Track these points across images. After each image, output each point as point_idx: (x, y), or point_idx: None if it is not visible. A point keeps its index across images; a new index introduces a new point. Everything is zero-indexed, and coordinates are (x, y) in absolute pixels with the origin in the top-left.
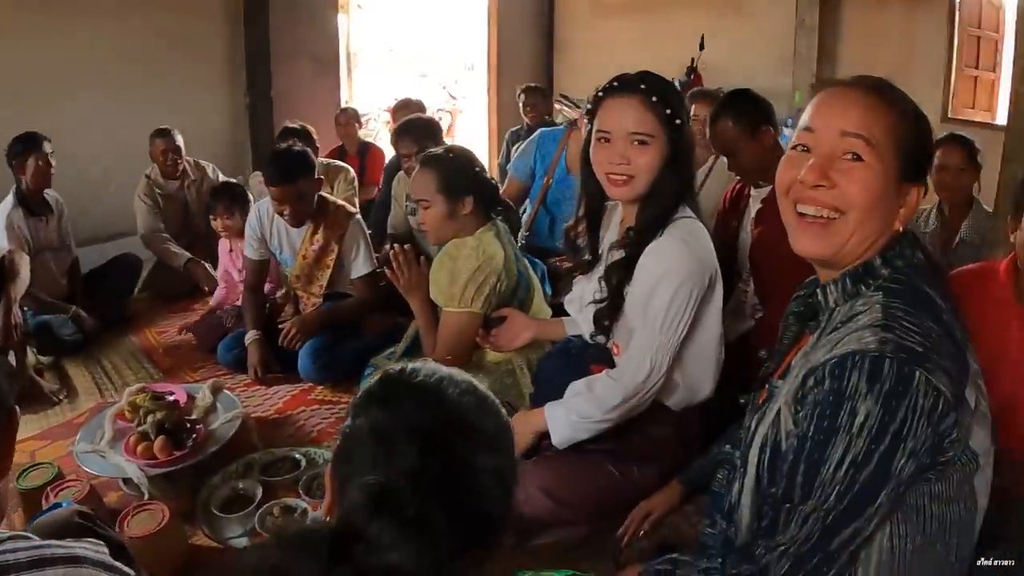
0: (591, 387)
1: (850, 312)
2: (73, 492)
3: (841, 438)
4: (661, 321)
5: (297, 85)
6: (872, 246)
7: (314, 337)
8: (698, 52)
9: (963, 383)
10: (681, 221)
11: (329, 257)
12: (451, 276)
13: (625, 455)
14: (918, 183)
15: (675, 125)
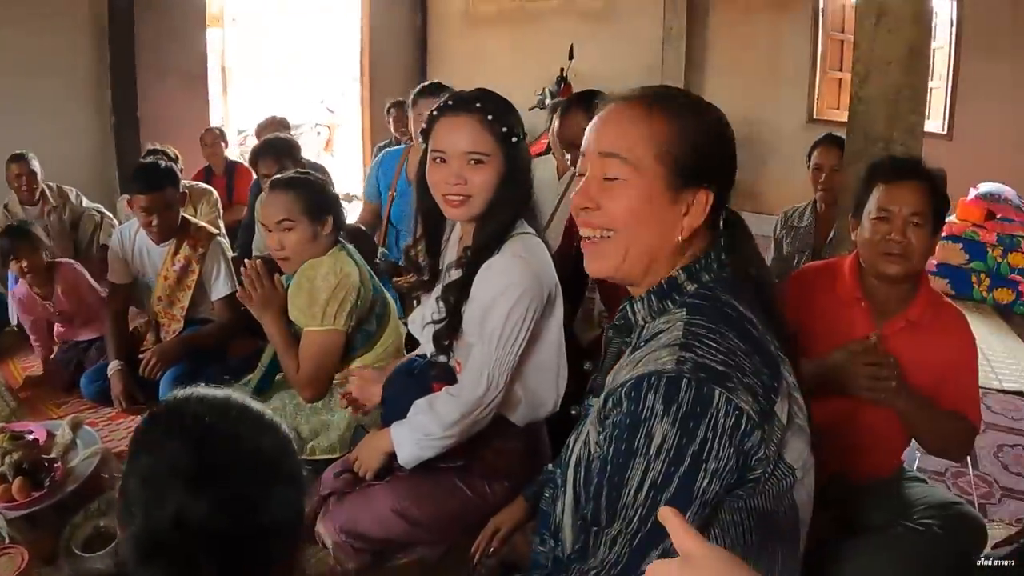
0: (432, 405)
1: (654, 330)
2: None
3: (639, 461)
4: (498, 336)
5: (165, 104)
6: (661, 259)
7: (175, 365)
8: (568, 61)
9: (772, 399)
10: (518, 237)
11: (190, 278)
12: (310, 296)
13: (475, 471)
14: (700, 186)
15: (511, 143)
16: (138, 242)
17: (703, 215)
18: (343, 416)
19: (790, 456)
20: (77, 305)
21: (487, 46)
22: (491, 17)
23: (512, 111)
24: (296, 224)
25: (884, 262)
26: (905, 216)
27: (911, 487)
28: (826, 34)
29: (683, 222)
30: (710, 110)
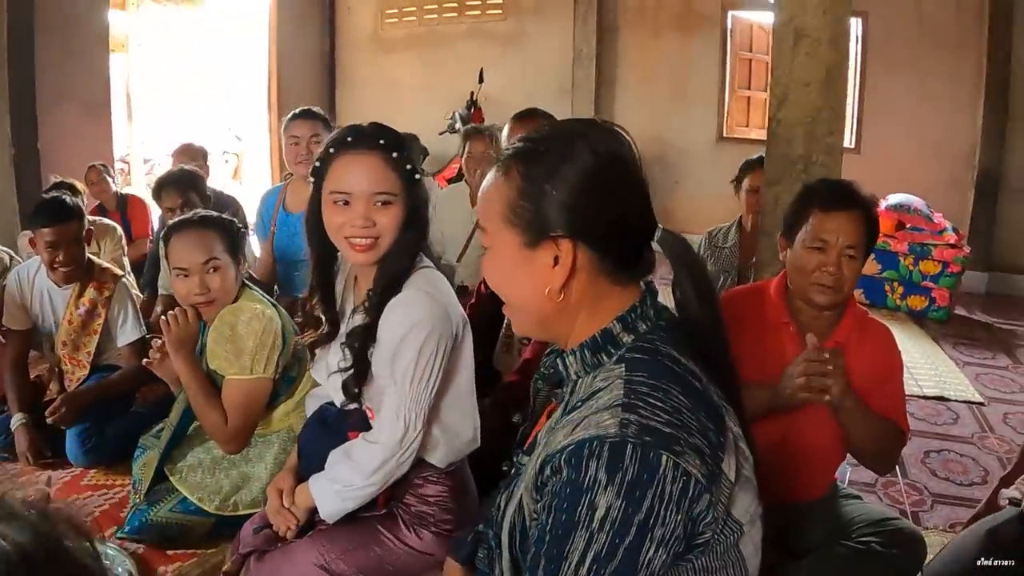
0: (349, 454)
1: (591, 388)
2: None
3: (581, 533)
4: (411, 376)
5: (67, 134)
6: (550, 318)
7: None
8: (478, 85)
9: (719, 456)
10: (420, 272)
11: (96, 322)
12: (234, 344)
13: (399, 519)
14: (558, 238)
15: (414, 180)
16: (37, 284)
17: (568, 269)
18: (264, 468)
19: (737, 512)
20: None
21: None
22: (400, 41)
23: (410, 146)
24: (222, 263)
25: (815, 291)
26: (841, 247)
27: (847, 504)
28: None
29: (549, 279)
30: (581, 155)
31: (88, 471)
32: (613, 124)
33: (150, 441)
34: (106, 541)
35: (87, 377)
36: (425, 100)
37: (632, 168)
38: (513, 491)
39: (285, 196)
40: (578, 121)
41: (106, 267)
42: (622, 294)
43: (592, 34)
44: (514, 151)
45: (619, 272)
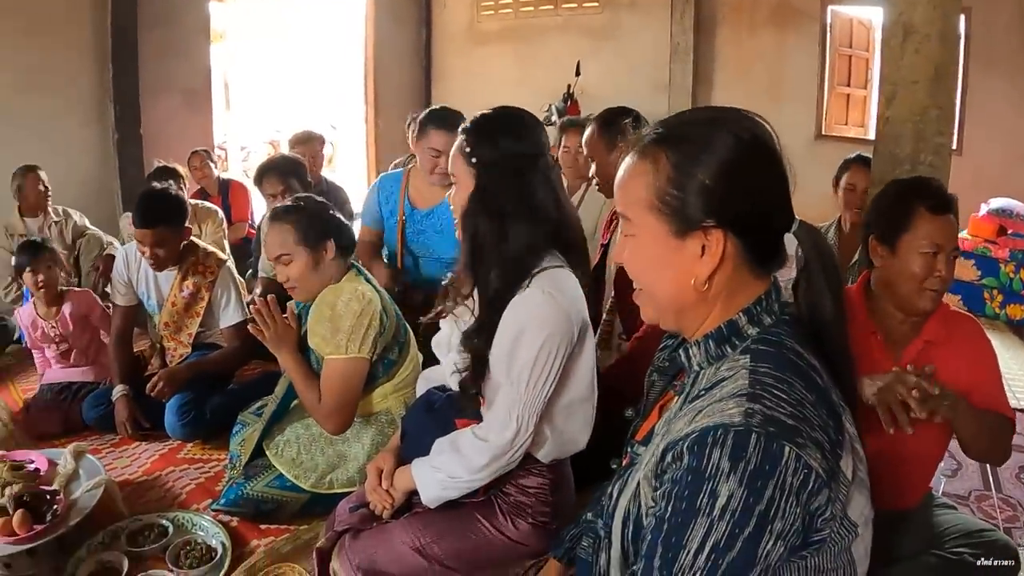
0: (456, 446)
1: (715, 377)
2: None
3: (701, 522)
4: (527, 378)
5: (167, 121)
6: (688, 309)
7: (181, 392)
8: (575, 78)
9: (838, 454)
10: (547, 272)
11: (199, 305)
12: (332, 324)
13: (498, 508)
14: (709, 228)
15: (482, 169)
16: (143, 264)
17: (717, 259)
18: (361, 448)
19: (853, 513)
20: (80, 333)
21: (491, 63)
22: (495, 34)
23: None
24: (294, 256)
25: (926, 298)
26: (948, 251)
27: (941, 515)
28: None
29: (697, 269)
30: (727, 141)
31: (185, 444)
32: (752, 113)
33: (249, 418)
34: (201, 513)
35: (188, 354)
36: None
37: (776, 156)
38: (627, 481)
39: (408, 189)
40: (719, 108)
41: (211, 251)
42: (756, 286)
43: (689, 29)
44: (658, 137)
45: (759, 263)
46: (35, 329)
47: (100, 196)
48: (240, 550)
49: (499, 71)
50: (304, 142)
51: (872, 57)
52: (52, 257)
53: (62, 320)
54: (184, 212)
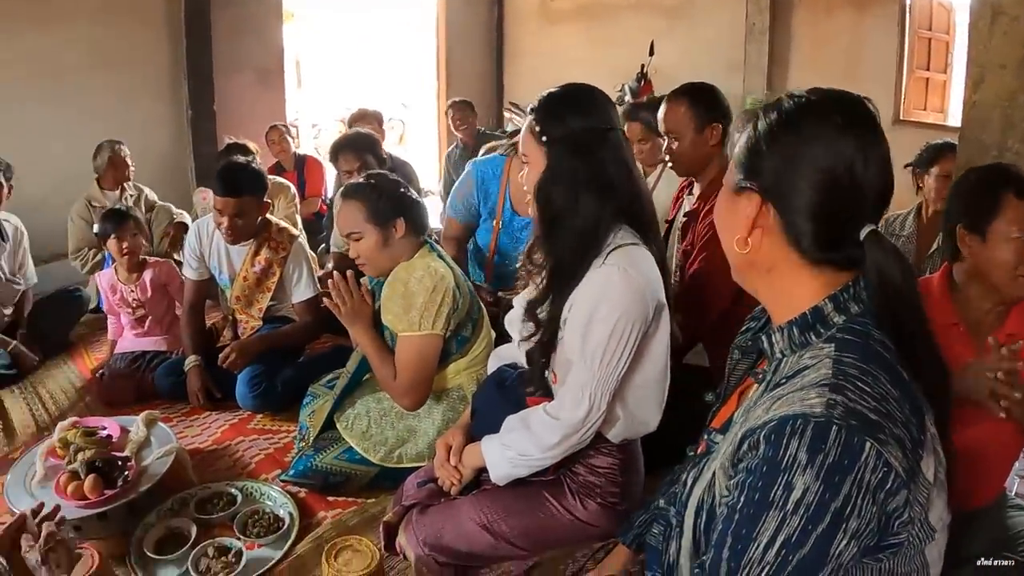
0: (527, 423)
1: (797, 366)
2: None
3: (773, 515)
4: (600, 356)
5: (240, 98)
6: (741, 271)
7: (252, 364)
8: (648, 58)
9: (919, 454)
10: (623, 249)
11: (271, 280)
12: (405, 300)
13: (566, 487)
14: (747, 188)
15: (551, 145)
16: (216, 239)
17: (749, 221)
18: (432, 424)
19: (933, 516)
20: (158, 301)
21: (563, 42)
22: (568, 13)
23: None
24: (364, 234)
25: (1020, 285)
26: None
27: (1015, 516)
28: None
29: (741, 229)
30: (813, 128)
31: (255, 415)
32: (864, 97)
33: (320, 390)
34: (270, 483)
35: (260, 327)
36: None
37: (849, 155)
38: (703, 469)
39: (509, 187)
40: (831, 94)
41: (283, 227)
42: (819, 273)
43: (765, 8)
44: (766, 106)
45: (817, 250)
46: (114, 293)
47: (174, 171)
48: (307, 521)
49: (571, 50)
50: (360, 120)
51: (952, 40)
52: (136, 225)
53: (141, 286)
54: (264, 185)
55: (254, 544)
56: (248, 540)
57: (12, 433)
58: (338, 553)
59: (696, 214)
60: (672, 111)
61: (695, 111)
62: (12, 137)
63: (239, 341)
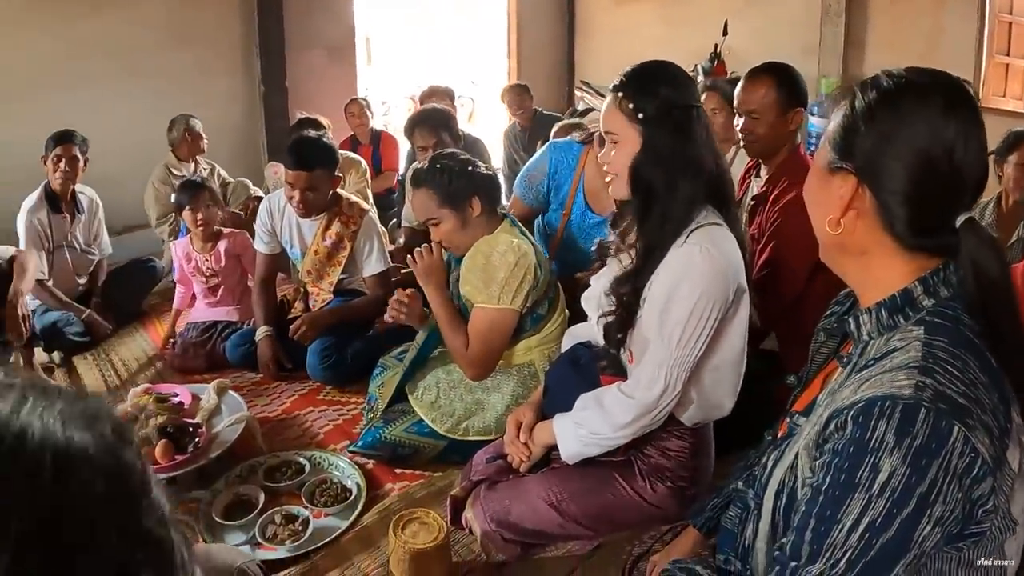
0: (601, 402)
1: (885, 348)
2: None
3: (859, 497)
4: (678, 336)
5: (312, 74)
6: (830, 251)
7: (323, 336)
8: (721, 38)
9: (1005, 443)
10: (705, 229)
11: (342, 253)
12: (486, 273)
13: (636, 469)
14: (843, 169)
15: (647, 121)
16: (287, 213)
17: (844, 203)
18: (500, 398)
19: (1015, 509)
20: (232, 271)
21: (636, 20)
22: None
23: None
24: (441, 219)
25: None
26: None
27: None
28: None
29: (834, 209)
30: (912, 110)
31: (324, 387)
32: (963, 80)
33: (390, 362)
34: (338, 454)
35: (331, 300)
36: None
37: (950, 139)
38: (784, 452)
39: (583, 180)
40: (930, 74)
41: (354, 201)
42: (912, 259)
43: None
44: (863, 84)
45: (911, 235)
46: (188, 261)
47: (247, 146)
48: (374, 492)
49: (644, 29)
50: (431, 97)
51: None
52: (211, 196)
53: (216, 255)
54: (336, 159)
55: (321, 513)
56: (315, 509)
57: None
58: (405, 525)
59: (764, 198)
60: (754, 90)
61: (779, 93)
62: (90, 113)
63: (310, 314)
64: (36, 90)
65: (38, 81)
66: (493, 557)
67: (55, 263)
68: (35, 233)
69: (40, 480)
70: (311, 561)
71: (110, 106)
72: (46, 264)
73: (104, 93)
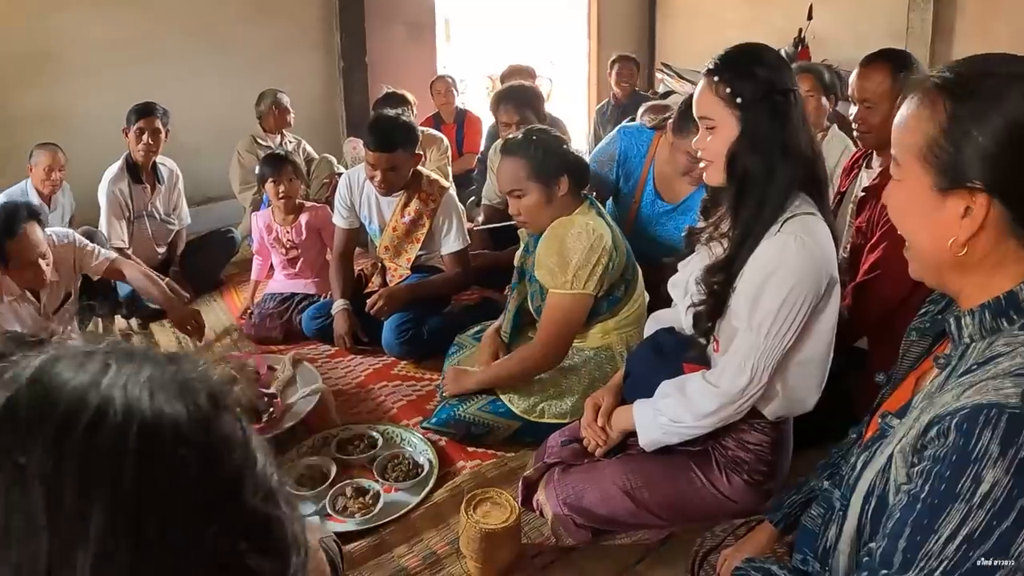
0: (683, 389)
1: (988, 352)
2: None
3: (959, 507)
4: (768, 327)
5: (392, 51)
6: (946, 271)
7: (400, 311)
8: (806, 22)
9: None
10: (800, 218)
11: (420, 231)
12: (560, 257)
13: (714, 460)
14: (973, 190)
15: (744, 107)
16: (366, 189)
17: (977, 224)
18: (577, 381)
19: None
20: (311, 245)
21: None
22: None
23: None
24: (526, 191)
25: None
26: None
27: None
28: None
29: (955, 231)
30: (1017, 100)
31: (400, 361)
32: None
33: (467, 340)
34: (411, 429)
35: (408, 276)
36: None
37: None
38: (875, 454)
39: (654, 167)
40: (1015, 60)
41: (434, 179)
42: (1019, 259)
43: None
44: (943, 82)
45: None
46: (269, 232)
47: (326, 121)
48: (446, 470)
49: (727, 12)
50: (514, 75)
51: None
52: (294, 170)
53: (296, 228)
54: (416, 138)
55: (392, 488)
56: (386, 483)
57: None
58: (477, 504)
59: (876, 190)
60: (870, 77)
61: (895, 81)
62: (173, 85)
63: (388, 288)
64: (119, 63)
65: (121, 55)
66: (563, 541)
67: (135, 232)
68: (116, 203)
69: (123, 461)
70: (380, 535)
71: (191, 80)
72: (126, 233)
73: (185, 67)
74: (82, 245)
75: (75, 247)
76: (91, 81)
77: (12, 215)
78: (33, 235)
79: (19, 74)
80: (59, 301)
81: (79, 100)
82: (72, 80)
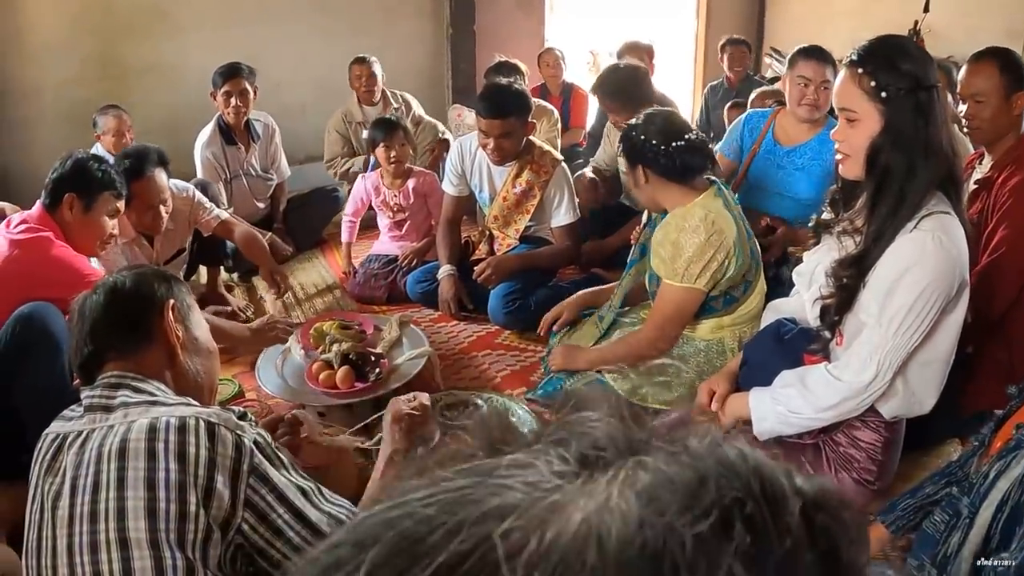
0: (804, 380)
1: None
2: (252, 412)
3: None
4: (898, 323)
5: (500, 20)
6: None
7: (507, 281)
8: (922, 15)
9: None
10: (936, 216)
11: (530, 202)
12: (675, 248)
13: (825, 455)
14: None
15: (887, 100)
16: (478, 157)
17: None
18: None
19: None
20: (418, 209)
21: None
22: None
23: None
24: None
25: None
26: None
27: None
28: None
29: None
30: None
31: (504, 331)
32: None
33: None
34: (516, 399)
35: (516, 246)
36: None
37: None
38: (1010, 463)
39: (773, 127)
40: None
41: (547, 151)
42: None
43: None
44: None
45: None
46: (377, 194)
47: (432, 88)
48: None
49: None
50: (631, 52)
51: None
52: (405, 135)
53: (404, 192)
54: (529, 106)
55: None
56: None
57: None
58: None
59: (989, 182)
60: (980, 73)
61: (1004, 76)
62: (279, 46)
63: (496, 257)
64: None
65: (229, 14)
66: None
67: (233, 192)
68: (211, 167)
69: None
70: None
71: (296, 41)
72: (224, 195)
73: (291, 28)
74: (199, 201)
75: (192, 201)
76: (199, 37)
77: (143, 157)
78: (159, 180)
79: (132, 27)
80: (172, 252)
81: (187, 56)
82: (183, 36)
